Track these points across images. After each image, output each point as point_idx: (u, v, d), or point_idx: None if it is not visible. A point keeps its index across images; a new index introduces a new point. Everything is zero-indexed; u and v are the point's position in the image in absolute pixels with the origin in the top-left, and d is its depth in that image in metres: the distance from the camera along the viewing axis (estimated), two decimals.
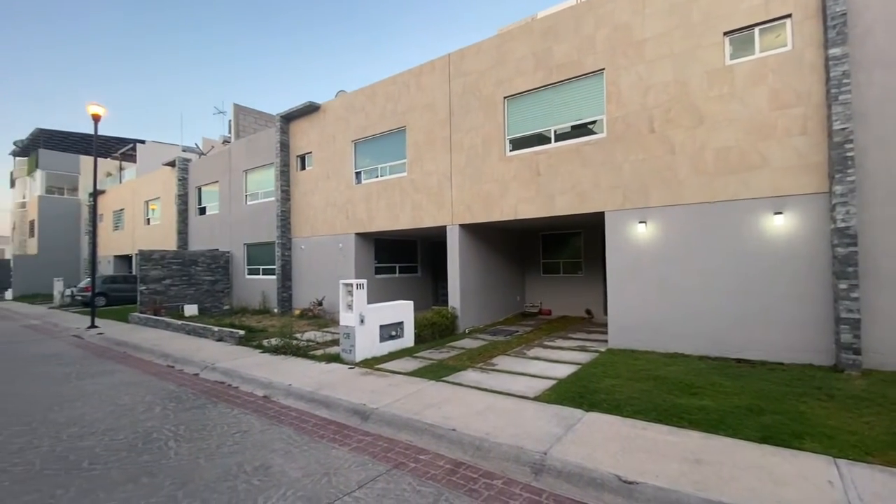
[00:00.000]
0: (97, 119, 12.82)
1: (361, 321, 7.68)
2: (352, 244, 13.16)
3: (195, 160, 20.39)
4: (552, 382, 6.10)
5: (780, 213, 6.97)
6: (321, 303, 13.62)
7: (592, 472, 3.58)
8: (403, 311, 8.75)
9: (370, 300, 8.21)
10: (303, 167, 15.03)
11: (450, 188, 10.90)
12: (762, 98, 7.11)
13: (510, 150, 10.02)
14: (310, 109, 14.37)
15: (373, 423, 5.00)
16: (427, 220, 11.39)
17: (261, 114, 22.57)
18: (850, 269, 6.27)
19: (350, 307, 7.70)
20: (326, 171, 13.96)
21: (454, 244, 10.91)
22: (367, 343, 7.82)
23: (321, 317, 13.32)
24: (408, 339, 8.79)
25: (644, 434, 4.26)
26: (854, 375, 6.05)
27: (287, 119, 15.10)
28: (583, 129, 9.12)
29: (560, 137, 9.36)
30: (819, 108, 6.70)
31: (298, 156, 15.02)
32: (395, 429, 4.80)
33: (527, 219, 9.84)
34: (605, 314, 10.25)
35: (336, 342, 9.01)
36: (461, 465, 4.00)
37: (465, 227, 11.01)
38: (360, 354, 7.65)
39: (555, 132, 9.42)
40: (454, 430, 4.47)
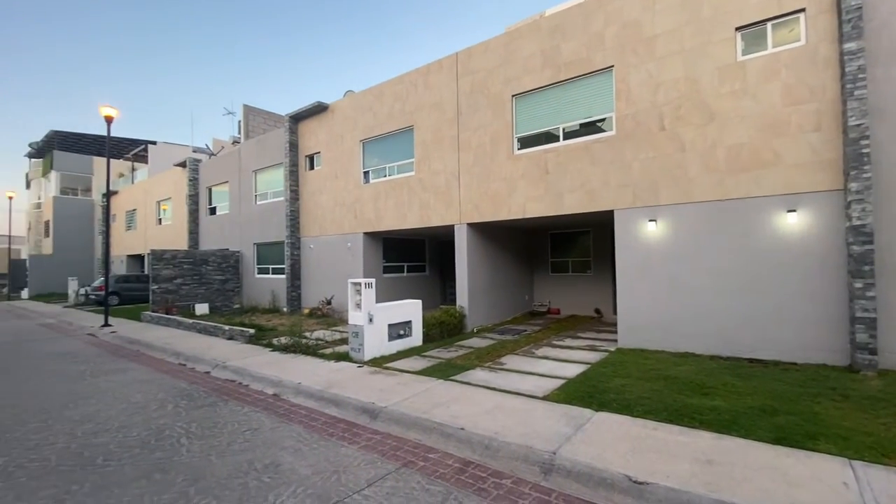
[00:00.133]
0: (110, 120, 13.00)
1: (370, 320, 7.71)
2: (360, 243, 13.21)
3: (205, 161, 20.61)
4: (561, 382, 6.07)
5: (794, 211, 6.86)
6: (330, 302, 13.69)
7: (602, 472, 3.56)
8: (412, 310, 8.77)
9: (378, 299, 8.24)
10: (311, 167, 15.11)
11: (458, 187, 10.90)
12: (775, 94, 7.00)
13: (518, 149, 9.98)
14: (318, 109, 14.44)
15: (382, 422, 5.02)
16: (435, 219, 11.40)
17: (270, 114, 22.74)
18: (866, 268, 6.16)
19: (359, 306, 7.73)
20: (335, 171, 14.02)
21: (462, 243, 10.90)
22: (376, 342, 7.85)
23: (330, 316, 13.39)
24: (416, 338, 8.81)
25: (654, 434, 4.22)
26: (870, 376, 5.94)
27: (296, 119, 15.19)
28: (592, 127, 9.06)
29: (569, 135, 9.31)
30: (834, 104, 6.59)
31: (307, 156, 15.11)
32: (404, 427, 4.81)
33: (535, 217, 9.80)
34: (615, 313, 10.19)
35: (345, 341, 9.06)
36: (470, 464, 4.00)
37: (474, 226, 11.00)
38: (369, 353, 7.68)
39: (563, 130, 9.36)
40: (463, 429, 4.47)
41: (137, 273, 23.86)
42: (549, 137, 9.58)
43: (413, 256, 15.41)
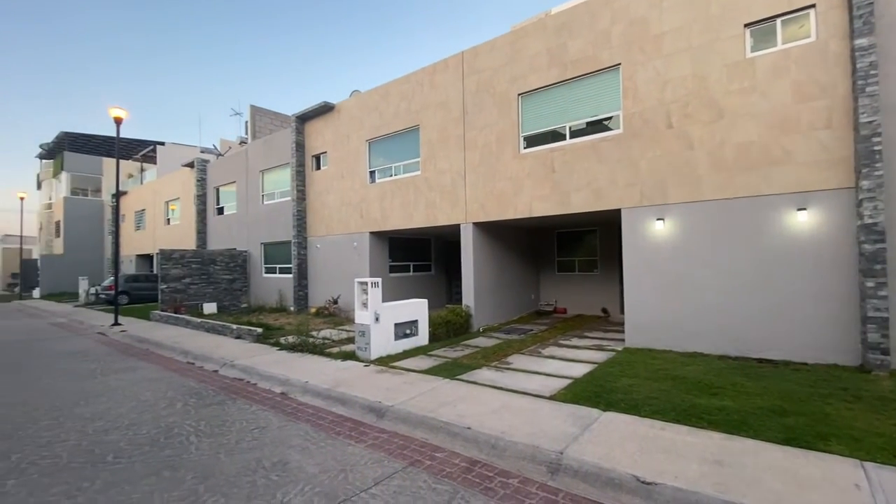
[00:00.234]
0: (119, 122, 13.13)
1: (376, 319, 7.73)
2: (366, 243, 13.24)
3: (213, 161, 20.76)
4: (568, 381, 6.05)
5: (804, 210, 6.78)
6: (336, 301, 13.74)
7: (610, 472, 3.54)
8: (418, 310, 8.78)
9: (385, 298, 8.25)
10: (318, 167, 15.17)
11: (463, 186, 10.89)
12: (785, 91, 6.92)
13: (524, 148, 9.95)
14: (324, 109, 14.50)
15: (388, 421, 5.03)
16: (441, 219, 11.40)
17: (276, 114, 22.86)
18: (878, 267, 6.07)
19: (365, 305, 7.75)
20: (341, 171, 14.07)
21: (468, 242, 10.89)
22: (382, 341, 7.87)
23: (336, 315, 13.44)
24: (422, 338, 8.82)
25: (662, 434, 4.19)
26: (882, 376, 5.86)
27: (302, 119, 15.25)
28: (598, 126, 9.01)
29: (575, 134, 9.26)
30: (845, 101, 6.50)
31: (313, 156, 15.17)
32: (411, 426, 4.82)
33: (541, 216, 9.77)
34: (622, 313, 10.14)
35: (351, 340, 9.09)
36: (476, 464, 4.00)
37: (479, 226, 10.99)
38: (376, 352, 7.70)
39: (570, 129, 9.32)
40: (469, 429, 4.47)
41: (146, 272, 24.11)
42: (556, 136, 9.54)
43: (419, 256, 15.43)
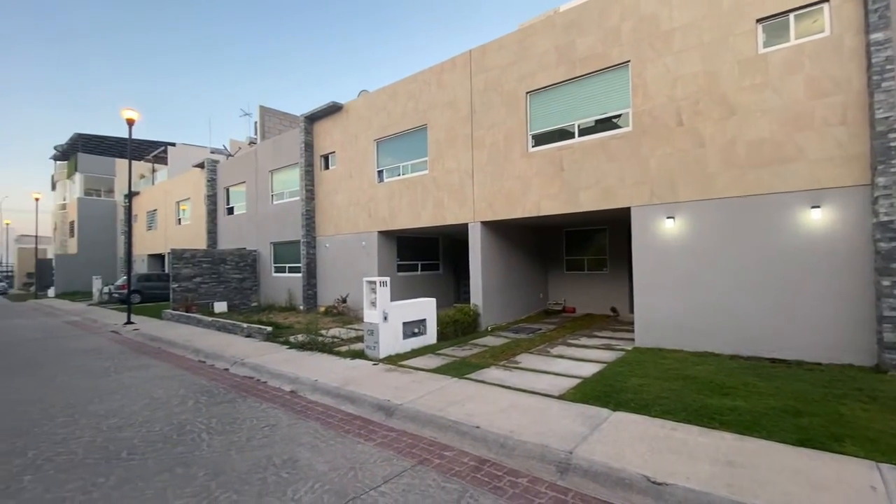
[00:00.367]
0: (131, 123, 13.31)
1: (385, 318, 7.76)
2: (374, 242, 13.29)
3: (223, 161, 20.96)
4: (577, 381, 6.02)
5: (818, 207, 6.67)
6: (345, 300, 13.81)
7: (620, 472, 3.52)
8: (426, 309, 8.79)
9: (393, 298, 8.28)
10: (326, 167, 15.25)
11: (471, 185, 10.87)
12: (798, 87, 6.81)
13: (533, 146, 9.91)
14: (333, 109, 14.56)
15: (397, 419, 5.05)
16: (449, 218, 11.40)
17: (285, 115, 23.00)
18: (894, 265, 5.95)
19: (374, 304, 7.78)
20: (349, 171, 14.12)
21: (476, 241, 10.88)
22: (391, 340, 7.89)
23: (345, 314, 13.51)
24: (430, 337, 8.83)
25: (673, 434, 4.16)
26: None
27: (311, 119, 15.34)
28: (607, 124, 8.94)
29: (584, 132, 9.21)
30: (860, 96, 6.38)
31: (322, 155, 15.25)
32: (420, 425, 4.83)
33: (550, 215, 9.72)
34: (631, 312, 10.06)
35: (360, 339, 9.13)
36: (485, 463, 4.00)
37: (487, 225, 10.97)
38: (384, 351, 7.73)
39: (578, 127, 9.27)
40: (478, 428, 4.47)
41: (158, 272, 24.42)
42: (564, 134, 9.49)
43: (427, 255, 15.45)
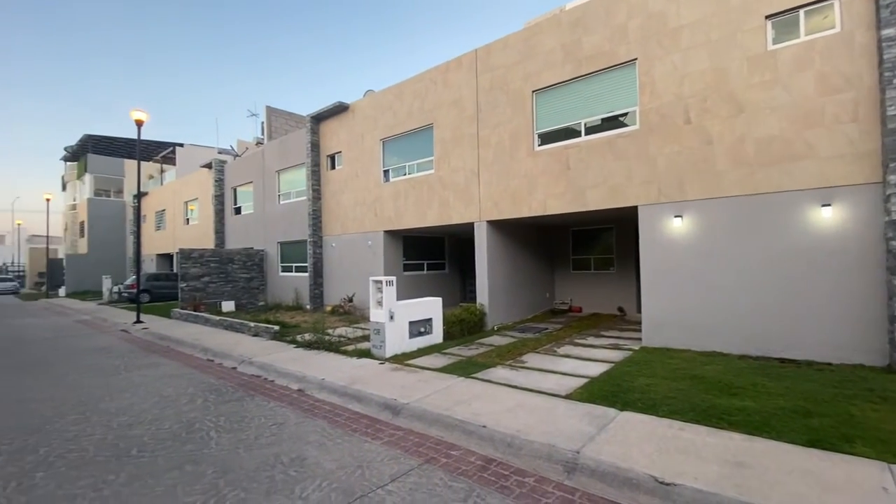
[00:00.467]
0: (140, 124, 13.43)
1: (391, 317, 7.78)
2: (381, 242, 13.32)
3: (230, 161, 21.10)
4: (584, 381, 6.00)
5: (828, 205, 6.60)
6: (352, 299, 13.86)
7: (627, 472, 3.51)
8: (432, 308, 8.80)
9: (399, 297, 8.30)
10: (332, 167, 15.30)
11: (477, 184, 10.86)
12: (808, 84, 6.74)
13: (539, 145, 9.88)
14: (339, 109, 14.60)
15: (404, 418, 5.06)
16: (455, 217, 11.40)
17: (291, 115, 23.10)
18: None
19: (380, 304, 7.81)
20: (355, 170, 14.16)
21: (482, 241, 10.87)
22: (397, 339, 7.91)
23: (352, 313, 13.56)
24: (436, 336, 8.84)
25: (681, 435, 4.13)
26: None
27: (317, 119, 15.39)
28: (614, 122, 8.90)
29: (590, 130, 9.16)
30: (871, 93, 6.30)
31: (328, 155, 15.30)
32: (426, 424, 4.84)
33: (556, 214, 9.69)
34: (639, 311, 10.01)
35: (366, 338, 9.16)
36: (492, 462, 4.00)
37: (493, 224, 10.95)
38: (390, 350, 7.75)
39: (585, 125, 9.23)
40: (485, 427, 4.47)
41: (167, 272, 24.65)
42: (571, 133, 9.45)
43: (433, 254, 15.46)
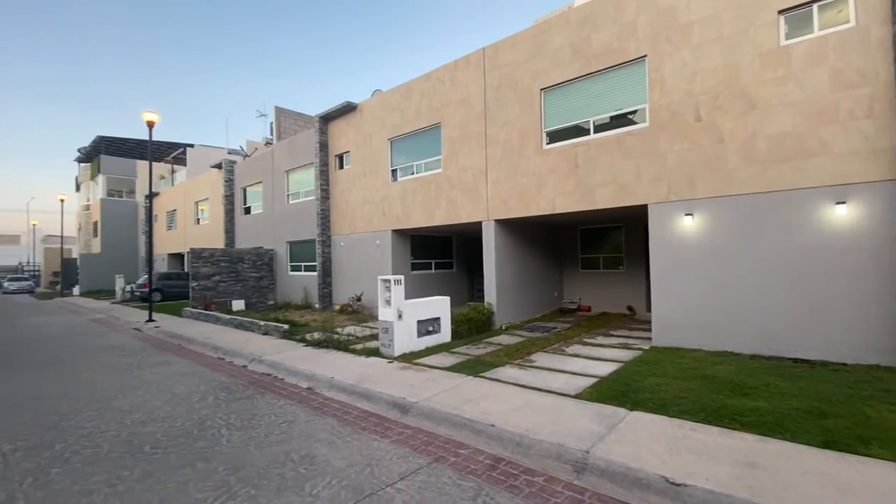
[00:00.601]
0: (151, 125, 13.60)
1: (399, 316, 7.79)
2: (389, 241, 13.35)
3: (240, 162, 21.29)
4: (593, 380, 5.97)
5: (843, 203, 6.48)
6: (360, 298, 13.92)
7: (637, 473, 3.48)
8: (440, 307, 8.81)
9: (407, 296, 8.31)
10: (341, 166, 15.37)
11: (485, 183, 10.84)
12: (822, 79, 6.62)
13: (547, 143, 9.83)
14: (347, 109, 14.66)
15: (413, 417, 5.07)
16: (462, 216, 11.39)
17: (300, 115, 23.24)
18: None
19: (388, 303, 7.83)
20: (363, 170, 14.21)
21: (490, 239, 10.85)
22: (405, 338, 7.93)
23: (360, 312, 13.62)
24: (444, 335, 8.84)
25: (692, 435, 4.09)
26: None
27: (325, 119, 15.47)
28: (623, 120, 8.82)
29: (599, 128, 9.10)
30: (887, 88, 6.17)
31: (336, 155, 15.37)
32: (435, 423, 4.85)
33: (565, 213, 9.63)
34: (648, 311, 9.93)
35: (375, 336, 9.19)
36: (501, 461, 4.00)
37: (501, 223, 10.93)
38: (399, 349, 7.77)
39: (594, 123, 9.16)
40: (493, 426, 4.46)
41: (178, 271, 24.94)
42: (579, 131, 9.39)
43: (441, 253, 15.46)
